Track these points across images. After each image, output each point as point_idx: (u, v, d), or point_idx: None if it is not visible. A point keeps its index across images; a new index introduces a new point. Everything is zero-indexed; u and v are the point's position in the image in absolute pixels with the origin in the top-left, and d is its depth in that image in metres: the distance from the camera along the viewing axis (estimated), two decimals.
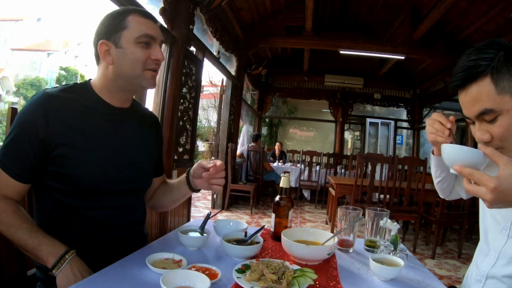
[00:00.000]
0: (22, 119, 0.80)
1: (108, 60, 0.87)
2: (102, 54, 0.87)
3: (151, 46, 0.88)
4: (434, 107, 7.84)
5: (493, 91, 0.67)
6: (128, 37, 0.85)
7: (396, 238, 0.96)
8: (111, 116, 0.90)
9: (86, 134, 0.84)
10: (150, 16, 0.90)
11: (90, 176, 0.83)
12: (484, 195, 0.59)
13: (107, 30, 0.86)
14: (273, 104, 8.39)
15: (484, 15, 4.07)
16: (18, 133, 0.79)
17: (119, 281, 0.68)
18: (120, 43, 0.85)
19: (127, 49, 0.86)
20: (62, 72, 16.84)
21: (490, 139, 0.72)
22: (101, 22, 0.89)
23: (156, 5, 2.59)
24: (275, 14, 5.22)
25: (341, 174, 5.84)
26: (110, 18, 0.87)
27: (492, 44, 0.69)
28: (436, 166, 0.98)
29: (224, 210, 4.71)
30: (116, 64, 0.87)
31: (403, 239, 3.77)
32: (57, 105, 0.81)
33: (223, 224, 1.08)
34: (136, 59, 0.86)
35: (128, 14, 0.87)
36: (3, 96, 16.27)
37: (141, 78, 0.88)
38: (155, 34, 0.89)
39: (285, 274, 0.70)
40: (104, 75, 0.89)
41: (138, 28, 0.86)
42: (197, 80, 3.24)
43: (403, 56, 5.06)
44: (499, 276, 0.83)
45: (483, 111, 0.70)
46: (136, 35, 0.86)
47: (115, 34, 0.85)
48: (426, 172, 3.32)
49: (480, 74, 0.68)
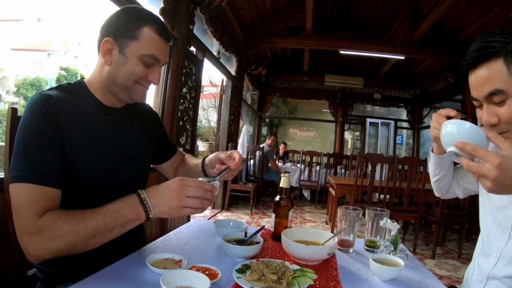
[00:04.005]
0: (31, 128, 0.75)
1: (106, 59, 0.84)
2: (103, 51, 0.83)
3: (152, 67, 0.86)
4: (434, 107, 7.83)
5: (505, 72, 0.68)
6: (135, 49, 0.82)
7: (396, 238, 0.96)
8: (107, 117, 0.89)
9: (84, 135, 0.83)
10: (164, 34, 0.86)
11: (90, 177, 0.83)
12: (488, 171, 0.57)
13: (117, 29, 0.82)
14: (273, 104, 8.39)
15: (484, 15, 4.08)
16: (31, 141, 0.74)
17: (119, 281, 0.68)
18: (125, 51, 0.82)
19: (129, 60, 0.83)
20: (62, 72, 16.81)
21: (497, 122, 0.72)
22: (115, 16, 0.85)
23: (156, 5, 2.59)
24: (275, 14, 5.22)
25: (341, 174, 5.85)
26: (124, 19, 0.83)
27: (507, 31, 0.70)
28: (435, 164, 0.98)
29: (224, 210, 4.71)
30: (113, 68, 0.84)
31: (403, 239, 3.77)
32: (55, 106, 0.79)
33: (223, 224, 1.08)
34: (133, 73, 0.84)
35: (144, 24, 0.82)
36: (3, 96, 16.27)
37: (131, 90, 0.86)
38: (161, 57, 0.86)
39: (285, 274, 0.70)
40: (99, 73, 0.87)
41: (148, 46, 0.83)
42: (197, 80, 3.24)
43: (403, 56, 5.06)
44: (500, 277, 0.82)
45: (493, 92, 0.70)
46: (143, 52, 0.83)
47: (124, 40, 0.82)
48: (426, 172, 3.31)
49: (494, 54, 0.69)
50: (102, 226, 0.70)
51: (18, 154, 0.74)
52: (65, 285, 0.79)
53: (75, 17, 37.55)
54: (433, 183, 1.05)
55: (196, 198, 0.73)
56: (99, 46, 0.85)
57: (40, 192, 0.71)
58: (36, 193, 0.71)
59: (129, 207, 0.72)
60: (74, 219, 0.70)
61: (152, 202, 0.73)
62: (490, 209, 0.90)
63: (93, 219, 0.70)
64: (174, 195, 0.72)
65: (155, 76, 0.87)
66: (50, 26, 22.47)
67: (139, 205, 0.72)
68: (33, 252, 0.69)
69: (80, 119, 0.83)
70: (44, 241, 0.68)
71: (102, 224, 0.70)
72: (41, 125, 0.75)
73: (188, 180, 0.74)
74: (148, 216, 0.73)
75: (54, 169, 0.75)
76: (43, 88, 15.89)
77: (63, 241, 0.69)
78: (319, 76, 7.18)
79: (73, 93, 0.85)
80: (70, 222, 0.69)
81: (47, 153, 0.75)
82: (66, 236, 0.69)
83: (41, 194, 0.71)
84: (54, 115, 0.78)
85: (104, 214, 0.71)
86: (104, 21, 0.86)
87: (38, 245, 0.69)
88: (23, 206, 0.70)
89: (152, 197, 0.73)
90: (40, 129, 0.75)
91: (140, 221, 0.74)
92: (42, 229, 0.68)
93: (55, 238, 0.68)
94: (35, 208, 0.70)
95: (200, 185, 0.74)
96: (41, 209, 0.70)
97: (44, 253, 0.70)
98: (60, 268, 0.84)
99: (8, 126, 0.88)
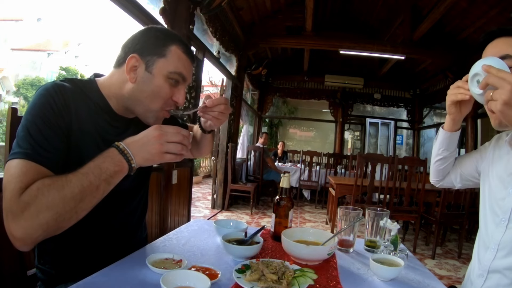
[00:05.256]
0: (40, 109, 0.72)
1: (131, 77, 0.82)
2: (128, 68, 0.81)
3: (178, 86, 0.85)
4: (434, 107, 7.84)
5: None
6: (162, 67, 0.82)
7: (396, 238, 0.96)
8: (114, 122, 0.88)
9: (92, 132, 0.82)
10: (190, 54, 0.87)
11: None
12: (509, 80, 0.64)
13: (143, 46, 0.82)
14: (273, 104, 8.38)
15: (484, 15, 4.07)
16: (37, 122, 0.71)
17: (119, 281, 0.68)
18: (152, 68, 0.81)
19: (156, 79, 0.82)
20: (62, 72, 16.84)
21: None
22: (140, 34, 0.84)
23: (156, 5, 2.59)
24: (275, 14, 5.22)
25: (341, 174, 5.84)
26: (152, 37, 0.83)
27: None
28: (441, 142, 1.00)
29: (224, 210, 4.71)
30: (137, 86, 0.82)
31: (403, 239, 3.77)
32: (67, 97, 0.77)
33: (223, 224, 1.08)
34: (160, 94, 0.83)
35: (172, 42, 0.83)
36: (3, 96, 16.28)
37: (153, 114, 0.85)
38: (187, 76, 0.86)
39: (285, 274, 0.71)
40: (119, 87, 0.85)
41: (175, 63, 0.83)
42: (197, 80, 3.25)
43: (403, 56, 5.06)
44: (501, 269, 0.84)
45: (504, 56, 0.77)
46: (171, 69, 0.82)
47: (151, 57, 0.81)
48: (426, 172, 3.32)
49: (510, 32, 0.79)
50: (87, 185, 0.66)
51: (21, 134, 0.70)
52: (66, 285, 0.79)
53: (75, 17, 37.56)
54: (433, 164, 1.07)
55: (177, 144, 0.73)
56: (120, 60, 0.84)
57: (33, 168, 0.67)
58: (28, 168, 0.66)
59: (110, 160, 0.69)
60: (58, 183, 0.65)
61: (133, 151, 0.71)
62: (489, 201, 0.92)
63: (77, 180, 0.66)
64: (154, 141, 0.71)
65: (180, 96, 0.86)
66: (50, 26, 22.51)
67: (120, 156, 0.70)
68: (21, 234, 0.63)
69: (89, 116, 0.81)
70: (31, 217, 0.62)
71: (87, 183, 0.66)
72: (50, 110, 0.73)
73: (166, 126, 0.74)
74: (130, 166, 0.71)
75: (55, 152, 0.72)
76: None
77: (51, 210, 0.63)
78: (319, 76, 7.17)
79: (85, 89, 0.83)
80: (55, 187, 0.64)
81: (51, 135, 0.72)
82: (53, 204, 0.63)
83: (33, 169, 0.66)
84: (66, 105, 0.76)
85: (86, 173, 0.67)
86: (127, 39, 0.86)
87: (25, 223, 0.62)
88: (11, 180, 0.65)
89: (132, 146, 0.71)
90: (49, 113, 0.73)
91: (124, 172, 0.71)
92: (27, 202, 0.63)
93: (42, 210, 0.63)
94: (22, 181, 0.64)
95: (178, 131, 0.74)
96: (30, 183, 0.65)
97: (32, 232, 0.63)
98: (60, 268, 0.84)
99: (8, 126, 0.88)
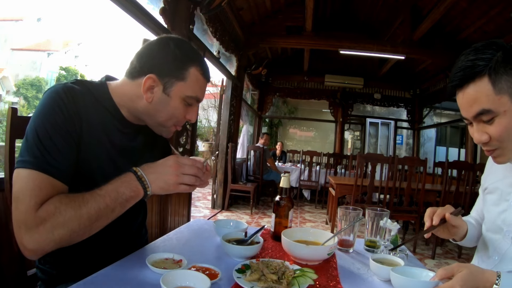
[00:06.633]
0: (50, 115, 0.71)
1: (148, 96, 0.80)
2: (145, 87, 0.79)
3: (192, 105, 0.86)
4: (434, 107, 7.84)
5: (491, 91, 0.67)
6: (180, 91, 0.81)
7: (396, 238, 0.96)
8: (124, 128, 0.87)
9: (101, 138, 0.81)
10: (208, 74, 0.86)
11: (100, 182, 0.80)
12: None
13: (161, 67, 0.80)
14: (273, 104, 8.39)
15: (484, 15, 4.07)
16: (48, 128, 0.69)
17: (119, 281, 0.68)
18: (169, 91, 0.80)
19: (173, 101, 0.81)
20: (62, 72, 16.83)
21: (488, 139, 0.72)
22: (158, 48, 0.82)
23: (156, 5, 2.59)
24: (275, 14, 5.22)
25: (341, 174, 5.84)
26: (171, 56, 0.80)
27: (490, 44, 0.69)
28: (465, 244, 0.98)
29: (224, 210, 4.71)
30: (153, 106, 0.81)
31: (403, 239, 3.77)
32: (77, 100, 0.75)
33: (223, 224, 1.08)
34: (175, 115, 0.83)
35: (191, 64, 0.81)
36: (3, 96, 16.26)
37: (165, 129, 0.87)
38: (202, 98, 0.86)
39: (285, 274, 0.70)
40: (132, 99, 0.83)
41: (193, 87, 0.82)
42: None
43: (403, 56, 5.06)
44: None
45: (480, 112, 0.70)
46: (188, 93, 0.82)
47: (169, 79, 0.80)
48: (426, 172, 3.32)
49: (478, 74, 0.68)
50: (104, 208, 0.68)
51: (31, 140, 0.69)
52: (66, 284, 0.79)
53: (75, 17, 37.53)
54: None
55: (191, 176, 0.75)
56: (134, 73, 0.82)
57: (47, 181, 0.67)
58: (42, 181, 0.66)
59: (127, 185, 0.71)
60: (75, 203, 0.66)
61: (150, 179, 0.73)
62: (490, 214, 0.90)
63: (94, 202, 0.68)
64: (171, 171, 0.73)
65: (193, 115, 0.87)
66: (50, 26, 22.50)
67: (137, 182, 0.72)
68: (33, 246, 0.64)
69: (99, 121, 0.80)
70: (46, 232, 0.63)
71: (103, 205, 0.68)
72: (61, 115, 0.71)
73: (183, 158, 0.76)
74: (146, 193, 0.73)
75: (67, 163, 0.71)
76: (43, 88, 15.95)
77: (66, 228, 0.65)
78: (319, 76, 7.17)
79: (95, 93, 0.81)
80: (73, 207, 0.66)
81: (63, 144, 0.71)
82: (70, 223, 0.65)
83: (48, 183, 0.67)
84: (76, 109, 0.74)
85: (104, 195, 0.69)
86: (143, 49, 0.83)
87: (40, 237, 0.63)
88: (25, 192, 0.65)
89: (149, 174, 0.73)
90: (59, 119, 0.71)
91: (139, 198, 0.73)
92: (44, 218, 0.63)
93: (58, 226, 0.64)
94: (38, 196, 0.65)
95: (194, 163, 0.76)
96: (45, 198, 0.65)
97: (45, 246, 0.64)
98: (61, 268, 0.84)
99: (8, 126, 0.87)
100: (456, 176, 3.44)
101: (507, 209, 0.83)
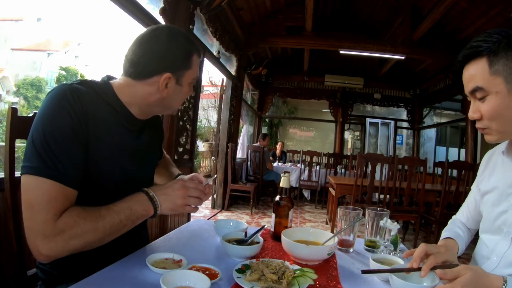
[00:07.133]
0: (58, 118, 0.71)
1: (164, 93, 0.85)
2: (162, 85, 0.84)
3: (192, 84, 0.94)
4: (434, 107, 7.85)
5: (487, 71, 0.72)
6: (188, 77, 0.89)
7: (396, 238, 0.96)
8: (130, 126, 0.88)
9: (108, 138, 0.81)
10: (201, 55, 0.94)
11: (106, 182, 0.82)
12: None
13: (174, 64, 0.85)
14: (273, 104, 8.39)
15: (484, 15, 4.07)
16: (56, 133, 0.70)
17: (119, 281, 0.68)
18: (181, 81, 0.88)
19: (184, 88, 0.90)
20: (62, 72, 16.84)
21: (480, 117, 0.76)
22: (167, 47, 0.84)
23: (156, 5, 2.59)
24: (275, 14, 5.22)
25: (341, 174, 5.84)
26: (179, 50, 0.86)
27: (500, 31, 0.73)
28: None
29: (224, 210, 4.71)
30: (168, 97, 0.87)
31: (403, 239, 3.77)
32: (84, 102, 0.75)
33: (223, 224, 1.08)
34: (185, 97, 0.93)
35: (193, 51, 0.88)
36: (3, 96, 16.27)
37: (175, 109, 0.97)
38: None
39: (285, 274, 0.71)
40: (144, 97, 0.86)
41: (195, 70, 0.91)
42: (197, 80, 3.24)
43: (403, 56, 5.06)
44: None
45: (474, 89, 0.75)
46: (194, 76, 0.91)
47: (180, 71, 0.86)
48: (426, 172, 3.32)
49: (479, 53, 0.74)
50: (117, 223, 0.73)
51: (38, 144, 0.68)
52: (66, 284, 0.79)
53: (75, 17, 37.54)
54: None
55: (196, 198, 0.83)
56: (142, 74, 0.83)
57: (61, 191, 0.69)
58: (57, 192, 0.68)
59: (139, 204, 0.77)
60: (92, 217, 0.71)
61: (160, 199, 0.79)
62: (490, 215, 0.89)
63: (110, 217, 0.72)
64: (180, 194, 0.81)
65: (192, 91, 0.96)
66: (50, 26, 22.50)
67: (148, 202, 0.78)
68: (48, 253, 0.67)
69: (105, 121, 0.80)
70: (63, 242, 0.67)
71: (117, 221, 0.73)
72: (68, 117, 0.71)
73: (188, 182, 0.84)
74: (156, 212, 0.79)
75: (77, 168, 0.72)
76: (43, 88, 15.96)
77: (82, 240, 0.69)
78: (319, 76, 7.17)
79: (100, 93, 0.82)
80: (90, 221, 0.70)
81: (72, 150, 0.71)
82: (86, 235, 0.69)
83: (62, 193, 0.69)
84: (83, 111, 0.74)
85: (119, 211, 0.74)
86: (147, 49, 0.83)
87: (56, 246, 0.67)
88: (42, 204, 0.66)
89: (160, 195, 0.79)
90: (66, 121, 0.71)
91: (148, 216, 0.79)
92: (62, 230, 0.67)
93: (75, 238, 0.68)
94: (55, 207, 0.68)
95: (197, 186, 0.85)
96: (61, 209, 0.69)
97: (59, 254, 0.69)
98: (61, 268, 0.84)
99: (8, 126, 0.87)
100: (456, 176, 3.44)
101: (507, 209, 0.83)
